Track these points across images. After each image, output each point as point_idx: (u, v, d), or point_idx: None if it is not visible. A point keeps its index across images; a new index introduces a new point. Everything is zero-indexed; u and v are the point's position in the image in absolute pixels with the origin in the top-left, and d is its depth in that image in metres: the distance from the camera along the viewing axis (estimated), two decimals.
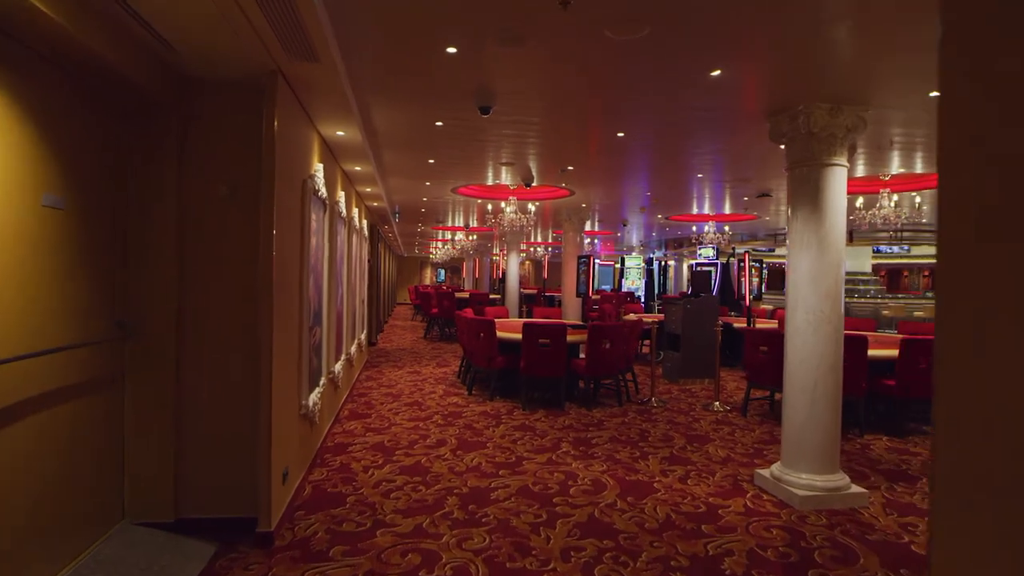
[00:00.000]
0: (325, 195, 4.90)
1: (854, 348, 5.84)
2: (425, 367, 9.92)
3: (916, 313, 16.99)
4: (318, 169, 4.60)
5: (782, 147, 4.87)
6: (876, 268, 23.04)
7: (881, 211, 7.49)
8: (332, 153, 5.69)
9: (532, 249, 24.77)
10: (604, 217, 14.31)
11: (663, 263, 28.52)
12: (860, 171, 7.67)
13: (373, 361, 10.46)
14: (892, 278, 29.49)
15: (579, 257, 10.14)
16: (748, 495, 4.37)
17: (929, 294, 23.35)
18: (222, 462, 3.50)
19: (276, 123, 3.37)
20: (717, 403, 7.27)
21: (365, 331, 10.10)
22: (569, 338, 7.07)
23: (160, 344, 3.39)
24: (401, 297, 29.98)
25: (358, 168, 6.43)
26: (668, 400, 7.63)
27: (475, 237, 18.71)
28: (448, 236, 20.44)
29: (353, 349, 7.66)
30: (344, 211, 6.25)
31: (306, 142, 4.38)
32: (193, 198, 3.47)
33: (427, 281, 33.95)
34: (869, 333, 8.06)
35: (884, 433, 6.11)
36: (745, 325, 10.15)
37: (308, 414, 4.39)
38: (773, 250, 25.10)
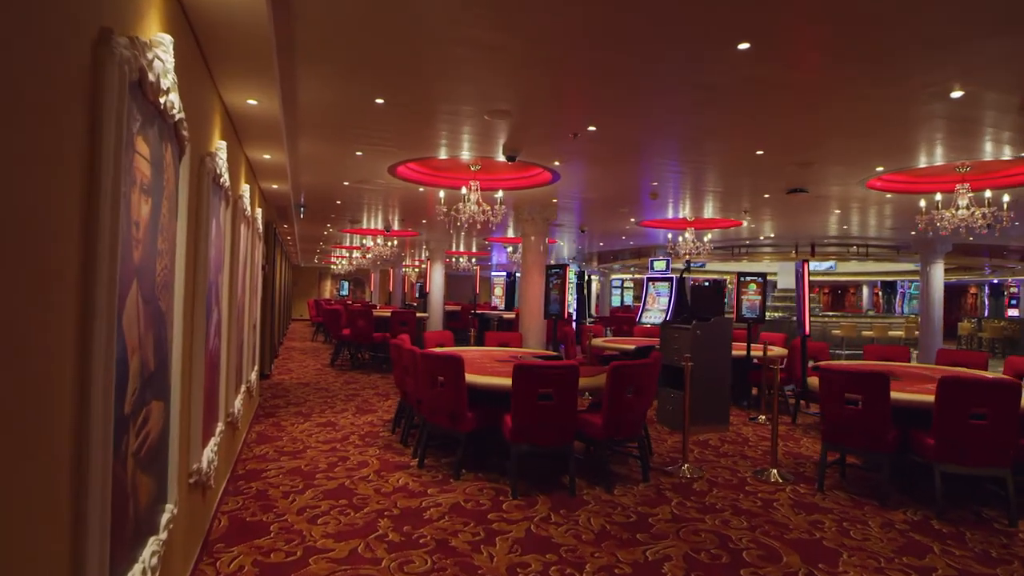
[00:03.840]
0: (180, 116, 2.28)
1: (1002, 396, 3.97)
2: (341, 414, 7.19)
3: (864, 333, 16.28)
4: (161, 55, 2.00)
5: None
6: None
7: (959, 213, 5.82)
8: (203, 53, 3.04)
9: (454, 260, 22.22)
10: (561, 219, 12.22)
11: (587, 278, 26.96)
12: (937, 157, 6.00)
13: (268, 406, 7.56)
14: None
15: (549, 267, 7.85)
16: None
17: (872, 312, 23.26)
18: None
19: None
20: (774, 471, 5.21)
21: (256, 366, 7.22)
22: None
23: None
24: (298, 312, 26.30)
25: (252, 102, 3.77)
26: (702, 466, 5.49)
27: (394, 243, 15.95)
28: (359, 243, 17.51)
29: (238, 403, 4.89)
30: (227, 179, 3.57)
31: None
32: None
33: (327, 294, 30.32)
34: (976, 371, 6.32)
35: None
36: (745, 355, 8.32)
37: None
38: (703, 264, 24.18)
